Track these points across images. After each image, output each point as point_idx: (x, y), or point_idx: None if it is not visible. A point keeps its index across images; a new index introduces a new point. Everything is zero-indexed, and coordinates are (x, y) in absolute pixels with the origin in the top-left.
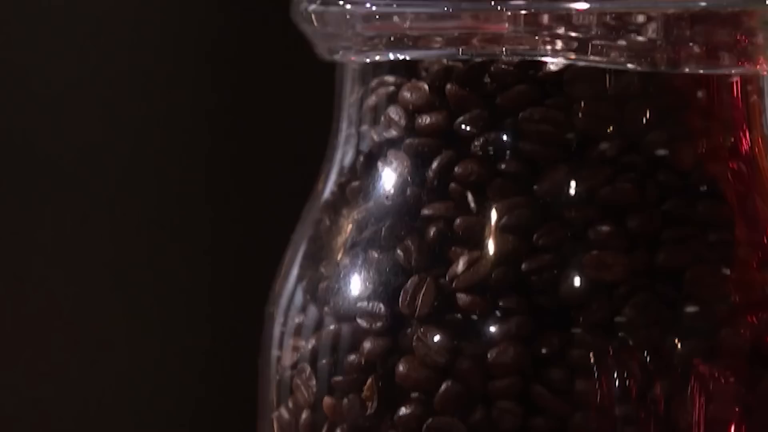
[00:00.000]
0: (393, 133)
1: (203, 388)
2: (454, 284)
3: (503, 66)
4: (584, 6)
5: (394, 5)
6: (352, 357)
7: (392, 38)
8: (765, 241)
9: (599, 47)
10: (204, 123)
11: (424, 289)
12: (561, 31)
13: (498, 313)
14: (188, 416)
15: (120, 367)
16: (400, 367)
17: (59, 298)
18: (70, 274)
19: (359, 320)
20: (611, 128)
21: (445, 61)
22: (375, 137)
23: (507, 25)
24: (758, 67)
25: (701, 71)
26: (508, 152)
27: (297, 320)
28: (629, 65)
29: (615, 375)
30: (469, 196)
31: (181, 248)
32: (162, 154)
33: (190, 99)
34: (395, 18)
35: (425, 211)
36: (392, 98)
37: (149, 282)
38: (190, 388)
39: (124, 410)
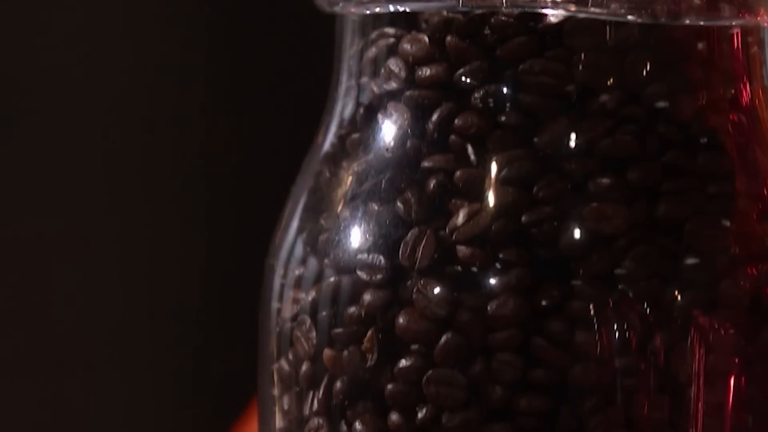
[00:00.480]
0: (393, 85)
1: (203, 341)
2: (454, 236)
3: (503, 18)
4: None
5: None
6: (352, 309)
7: None
8: (765, 192)
9: None
10: (202, 75)
11: (424, 241)
12: None
13: (498, 265)
14: (189, 371)
15: (112, 347)
16: (400, 320)
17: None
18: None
19: (359, 272)
20: (611, 80)
21: (445, 12)
22: (375, 89)
23: None
24: (759, 18)
25: (702, 23)
26: (508, 104)
27: (297, 272)
28: (629, 17)
29: (615, 327)
30: (469, 149)
31: (179, 202)
32: (159, 104)
33: (188, 46)
34: None
35: (425, 164)
36: (392, 50)
37: (145, 245)
38: (189, 340)
39: (117, 367)
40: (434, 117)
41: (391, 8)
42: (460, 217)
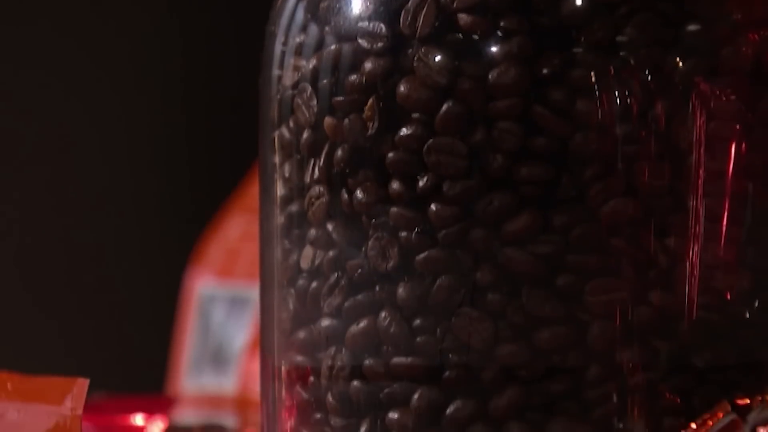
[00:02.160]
0: None
1: (204, 106)
2: (455, 4)
3: None
4: None
5: None
6: (352, 77)
7: None
8: None
9: None
10: None
11: (425, 8)
12: None
13: (499, 33)
14: (185, 138)
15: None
16: (401, 88)
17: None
18: None
19: (360, 40)
20: None
21: None
22: None
23: None
24: None
25: None
26: None
27: (298, 39)
28: None
29: (616, 94)
30: None
31: None
32: None
33: None
34: None
35: None
36: None
37: None
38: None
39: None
40: None
41: None
42: None
